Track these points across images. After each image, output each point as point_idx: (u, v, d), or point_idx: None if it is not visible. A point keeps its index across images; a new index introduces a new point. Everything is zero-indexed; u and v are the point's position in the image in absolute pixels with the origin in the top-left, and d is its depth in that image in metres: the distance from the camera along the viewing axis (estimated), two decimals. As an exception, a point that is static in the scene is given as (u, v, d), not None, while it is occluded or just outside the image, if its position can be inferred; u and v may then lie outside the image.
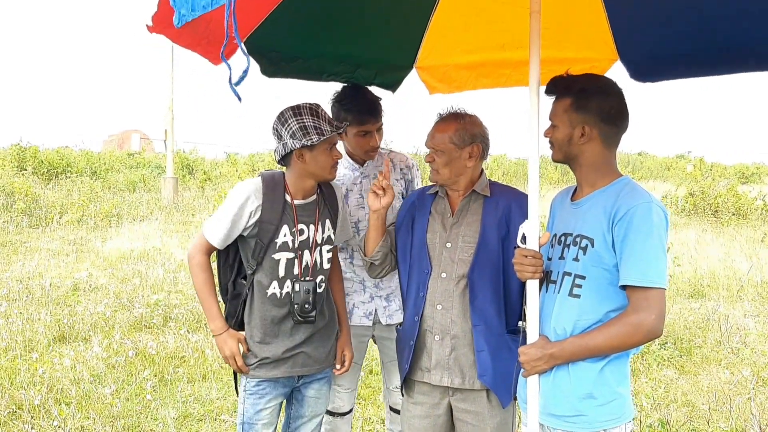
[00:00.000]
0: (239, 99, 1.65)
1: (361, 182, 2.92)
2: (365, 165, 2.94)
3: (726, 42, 2.35)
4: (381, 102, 2.88)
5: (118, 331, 5.86)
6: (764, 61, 2.33)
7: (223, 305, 2.56)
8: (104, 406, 4.24)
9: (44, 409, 4.12)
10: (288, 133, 2.35)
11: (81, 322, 6.07)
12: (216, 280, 2.53)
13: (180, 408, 4.30)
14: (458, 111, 2.37)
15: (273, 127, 2.41)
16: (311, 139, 2.31)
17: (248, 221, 2.40)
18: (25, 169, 17.95)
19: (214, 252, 2.51)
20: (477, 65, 3.01)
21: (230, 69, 1.57)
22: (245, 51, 1.50)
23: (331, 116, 2.49)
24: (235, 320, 2.51)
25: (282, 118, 2.37)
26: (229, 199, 2.42)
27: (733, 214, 15.22)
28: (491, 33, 2.80)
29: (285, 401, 2.64)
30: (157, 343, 5.55)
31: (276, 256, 2.42)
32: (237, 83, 1.56)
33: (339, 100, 2.82)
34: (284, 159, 2.42)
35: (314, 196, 2.51)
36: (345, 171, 2.92)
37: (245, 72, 1.54)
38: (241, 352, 2.47)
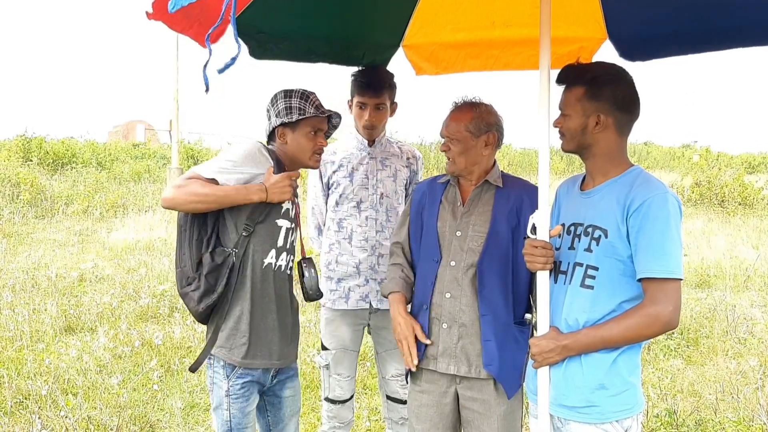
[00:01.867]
0: (207, 88, 1.59)
1: (368, 162, 2.98)
2: (374, 146, 3.00)
3: (716, 17, 2.28)
4: (391, 83, 2.95)
5: (124, 321, 5.88)
6: (754, 36, 2.26)
7: (189, 288, 2.27)
8: (111, 396, 4.25)
9: (51, 399, 4.13)
10: (275, 112, 2.37)
11: (87, 313, 6.08)
12: (175, 260, 2.30)
13: (186, 398, 4.31)
14: (473, 100, 2.36)
15: (266, 108, 2.43)
16: (291, 117, 2.31)
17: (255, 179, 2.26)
18: (31, 160, 17.94)
19: (177, 227, 2.27)
20: (465, 44, 2.97)
21: (210, 54, 1.54)
22: (237, 36, 1.44)
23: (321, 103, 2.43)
24: (217, 295, 2.24)
25: (274, 98, 2.40)
26: (235, 149, 2.29)
27: (740, 204, 15.19)
28: (481, 10, 2.75)
29: (258, 411, 2.47)
30: (164, 333, 5.55)
31: (279, 222, 2.35)
32: (222, 70, 1.48)
33: (355, 73, 2.96)
34: (270, 138, 2.42)
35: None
36: (352, 149, 3.01)
37: (233, 59, 1.46)
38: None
